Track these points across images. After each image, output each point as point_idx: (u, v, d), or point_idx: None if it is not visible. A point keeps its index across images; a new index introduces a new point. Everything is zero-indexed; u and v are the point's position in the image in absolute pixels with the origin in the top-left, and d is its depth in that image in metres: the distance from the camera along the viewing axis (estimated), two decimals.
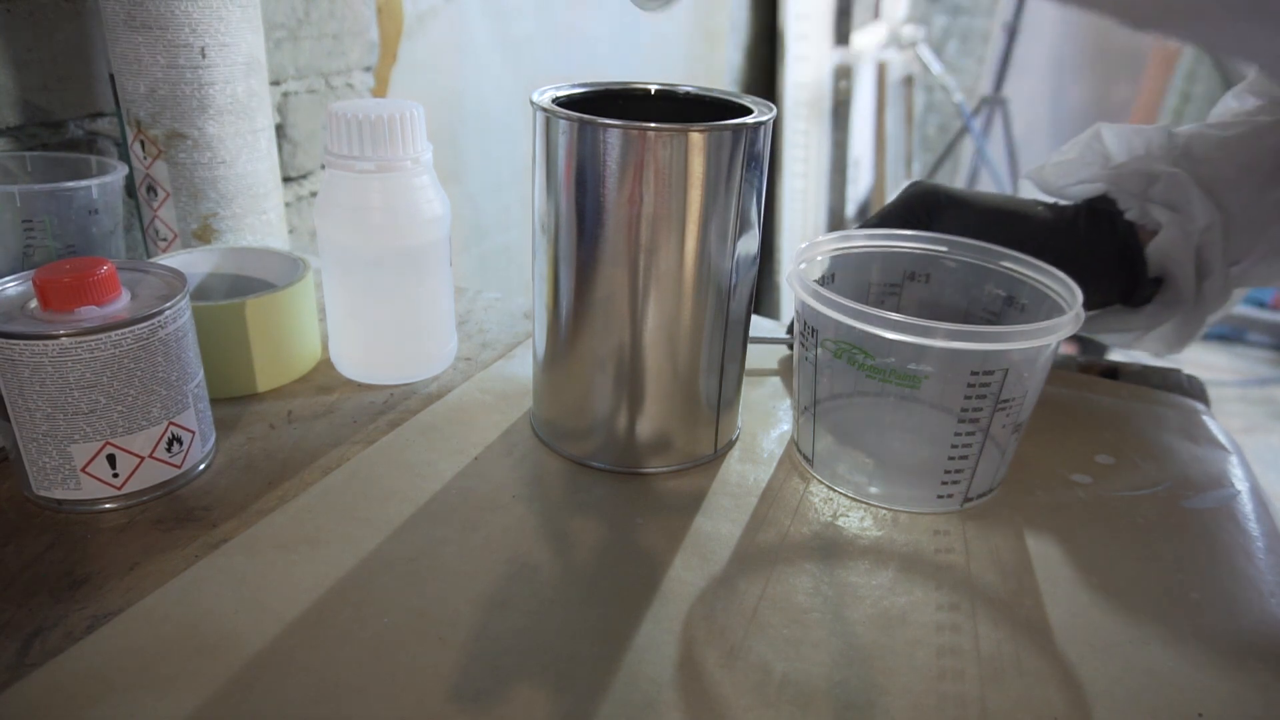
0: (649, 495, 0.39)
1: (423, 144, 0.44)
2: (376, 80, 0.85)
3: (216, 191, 0.54)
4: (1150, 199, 0.47)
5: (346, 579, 0.33)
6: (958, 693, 0.29)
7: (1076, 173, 0.50)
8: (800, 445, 0.42)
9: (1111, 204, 0.48)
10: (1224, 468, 0.43)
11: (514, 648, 0.30)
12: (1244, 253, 0.46)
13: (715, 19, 1.58)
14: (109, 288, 0.35)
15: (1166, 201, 0.47)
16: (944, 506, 0.39)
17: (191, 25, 0.49)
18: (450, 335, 0.49)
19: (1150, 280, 0.48)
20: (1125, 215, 0.48)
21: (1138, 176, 0.47)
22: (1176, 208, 0.47)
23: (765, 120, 0.36)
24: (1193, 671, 0.30)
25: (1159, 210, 0.47)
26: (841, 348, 0.37)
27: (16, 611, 0.31)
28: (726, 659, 0.30)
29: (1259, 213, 0.46)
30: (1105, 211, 0.48)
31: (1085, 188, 0.49)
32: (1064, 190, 0.50)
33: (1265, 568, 0.36)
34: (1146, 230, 0.48)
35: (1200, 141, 0.47)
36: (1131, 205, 0.48)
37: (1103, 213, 0.48)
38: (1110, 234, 0.47)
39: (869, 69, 2.28)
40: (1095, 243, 0.47)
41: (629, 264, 0.36)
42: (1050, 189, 0.51)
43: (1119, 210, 0.48)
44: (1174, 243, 0.46)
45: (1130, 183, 0.48)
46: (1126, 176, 0.48)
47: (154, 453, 0.36)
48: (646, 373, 0.38)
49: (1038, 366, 0.36)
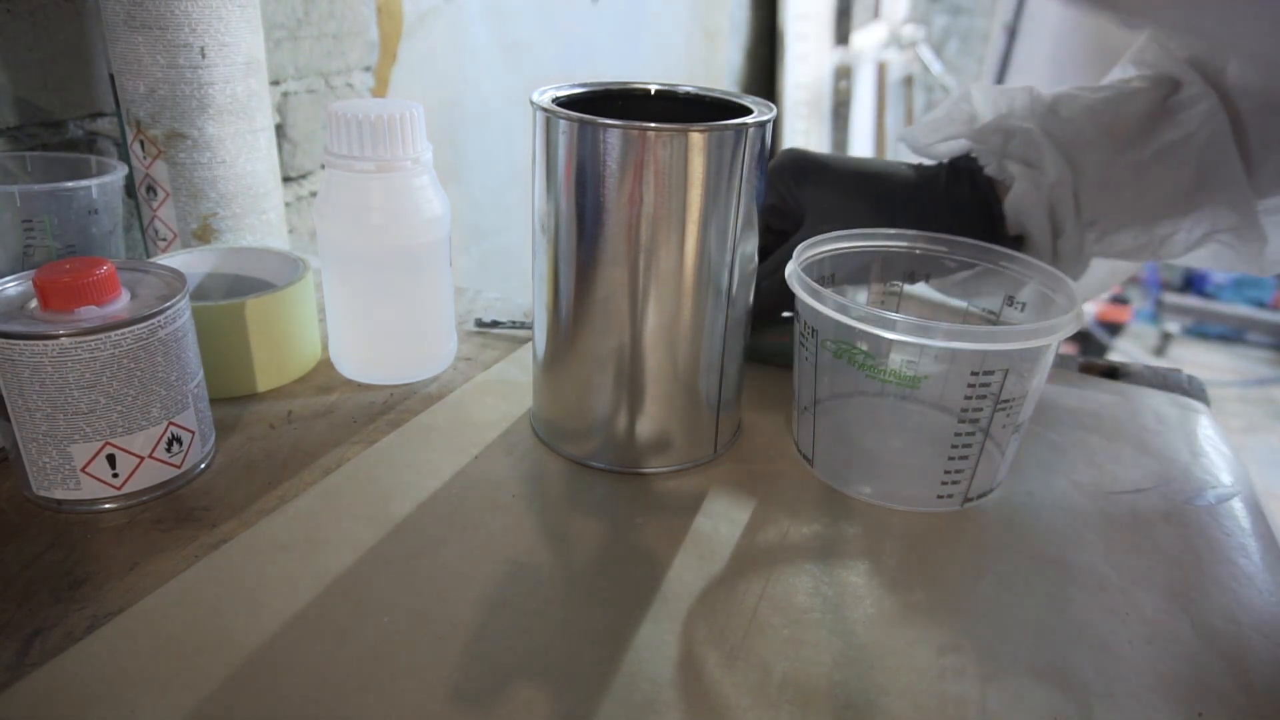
0: (649, 495, 0.39)
1: (423, 144, 0.44)
2: (376, 80, 0.85)
3: (216, 191, 0.54)
4: (1008, 155, 0.48)
5: (346, 579, 0.33)
6: (958, 693, 0.29)
7: (942, 130, 0.51)
8: (800, 445, 0.42)
9: (973, 161, 0.49)
10: (1223, 468, 0.43)
11: (514, 648, 0.30)
12: (1099, 212, 0.47)
13: (715, 19, 1.58)
14: (109, 288, 0.35)
15: (1022, 157, 0.48)
16: (944, 507, 0.39)
17: (191, 25, 0.49)
18: (450, 335, 0.49)
19: (1011, 239, 0.48)
20: (984, 171, 0.48)
21: (998, 133, 0.48)
22: (1030, 163, 0.47)
23: (765, 120, 0.36)
24: (1193, 671, 0.30)
25: (1014, 166, 0.48)
26: (841, 348, 0.37)
27: (16, 611, 0.31)
28: (726, 659, 0.30)
29: (1113, 174, 0.46)
30: (965, 169, 0.49)
31: (950, 145, 0.51)
32: (930, 149, 0.51)
33: (1264, 567, 0.36)
34: (1004, 186, 0.48)
35: (1066, 102, 0.48)
36: (990, 162, 0.48)
37: (963, 170, 0.49)
38: (970, 190, 0.48)
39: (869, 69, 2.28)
40: (955, 198, 0.48)
41: (629, 264, 0.36)
42: (918, 148, 0.52)
43: (979, 166, 0.49)
44: (1026, 197, 0.47)
45: (990, 140, 0.48)
46: (987, 134, 0.49)
47: (154, 453, 0.36)
48: (646, 373, 0.38)
49: (1038, 367, 0.36)
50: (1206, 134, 0.45)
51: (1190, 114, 0.46)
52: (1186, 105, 0.46)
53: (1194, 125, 0.45)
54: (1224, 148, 0.45)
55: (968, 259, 0.43)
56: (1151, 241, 0.48)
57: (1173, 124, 0.46)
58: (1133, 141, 0.46)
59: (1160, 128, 0.46)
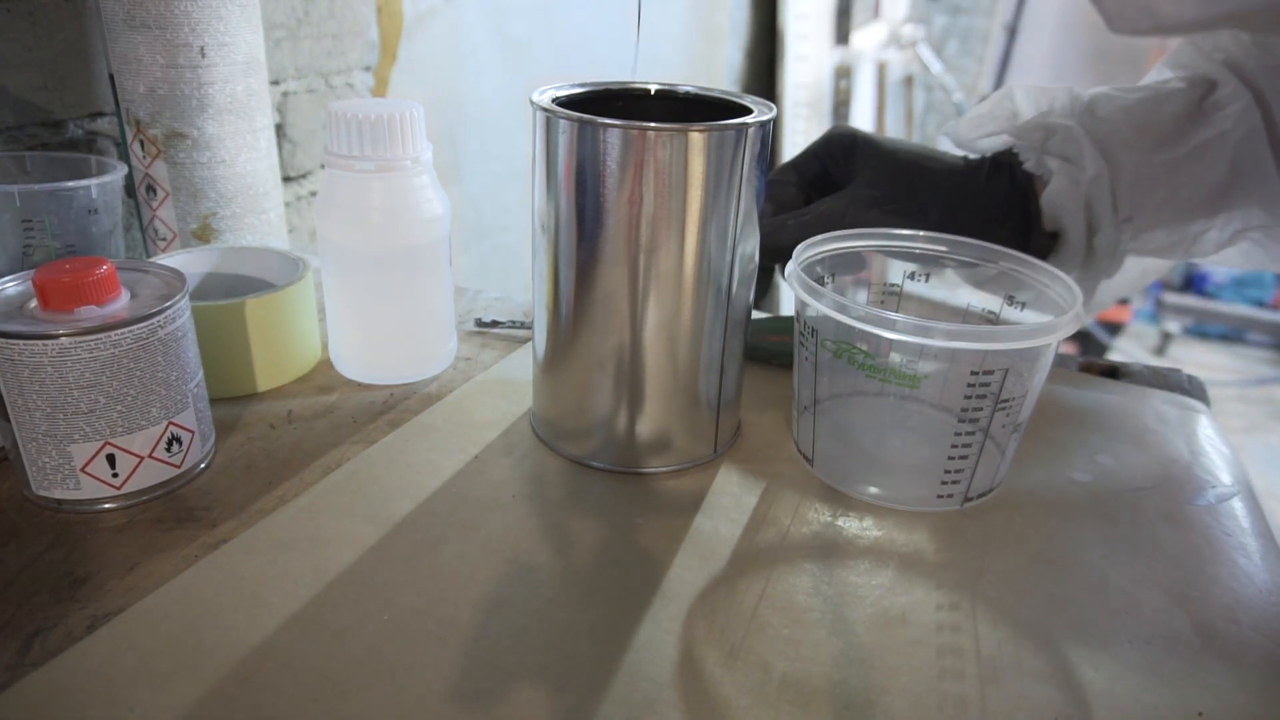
0: (649, 495, 0.39)
1: (423, 144, 0.44)
2: (376, 80, 0.85)
3: (216, 191, 0.54)
4: (1047, 151, 0.49)
5: (346, 578, 0.33)
6: (958, 693, 0.29)
7: (985, 126, 0.52)
8: (800, 445, 0.42)
9: (1013, 156, 0.50)
10: (1223, 468, 0.43)
11: (514, 648, 0.30)
12: (1134, 210, 0.48)
13: (715, 19, 1.58)
14: (109, 287, 0.35)
15: (1061, 153, 0.48)
16: (944, 506, 0.39)
17: (191, 25, 0.49)
18: (450, 335, 0.49)
19: (1046, 234, 0.49)
20: (1023, 166, 0.49)
21: (1038, 130, 0.49)
22: (1068, 159, 0.48)
23: (765, 120, 0.36)
24: (1193, 671, 0.30)
25: (1053, 161, 0.48)
26: (841, 348, 0.37)
27: (16, 611, 0.31)
28: (726, 659, 0.30)
29: (1148, 171, 0.47)
30: (1006, 163, 0.49)
31: (992, 141, 0.51)
32: (974, 144, 0.52)
33: (1264, 567, 0.36)
34: (1042, 181, 0.49)
35: (1104, 102, 0.49)
36: (1030, 158, 0.49)
37: (1004, 164, 0.49)
38: (1008, 183, 0.49)
39: (869, 69, 2.27)
40: (993, 191, 0.49)
41: (629, 264, 0.36)
42: (962, 143, 0.53)
43: (1019, 161, 0.49)
44: (1063, 191, 0.48)
45: (1030, 136, 0.49)
46: (1028, 130, 0.49)
47: (154, 452, 0.36)
48: (646, 372, 0.38)
49: (1038, 366, 0.36)
50: (1240, 133, 0.46)
51: (1225, 113, 0.46)
52: (1222, 105, 0.47)
53: (1229, 124, 0.46)
54: (1257, 147, 0.46)
55: (968, 258, 0.43)
56: (1184, 239, 0.49)
57: (1208, 123, 0.47)
58: (1168, 140, 0.47)
59: (1195, 127, 0.47)
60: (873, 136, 0.50)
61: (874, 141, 0.50)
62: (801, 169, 0.51)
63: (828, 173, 0.51)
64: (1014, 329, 0.34)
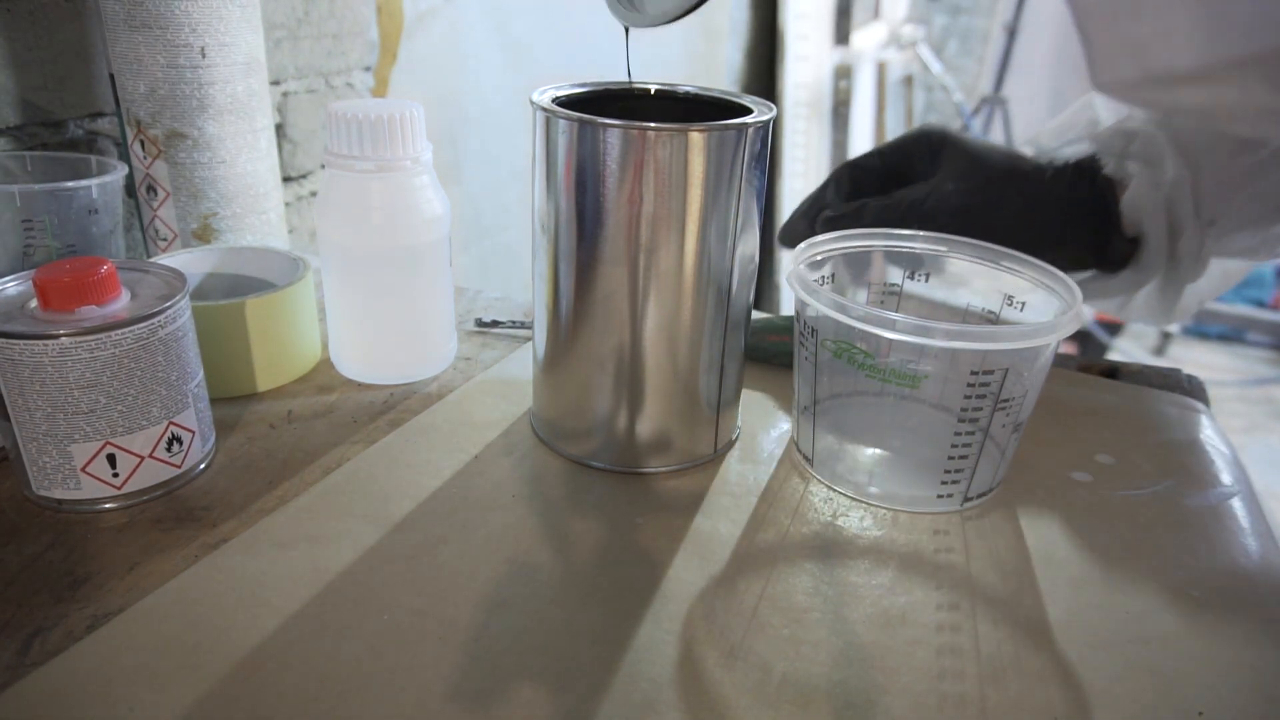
0: (649, 495, 0.39)
1: (423, 144, 0.44)
2: (376, 80, 0.85)
3: (216, 191, 0.54)
4: (1128, 156, 0.49)
5: (346, 578, 0.33)
6: (958, 693, 0.29)
7: (1066, 134, 0.52)
8: (800, 445, 0.42)
9: (1095, 161, 0.50)
10: (1223, 467, 0.43)
11: (514, 648, 0.30)
12: (1217, 213, 0.48)
13: (715, 19, 1.58)
14: (109, 288, 0.35)
15: (1142, 157, 0.49)
16: (944, 506, 0.39)
17: (191, 25, 0.49)
18: (450, 335, 0.49)
19: (1127, 240, 0.49)
20: (1104, 171, 0.49)
21: (1119, 136, 0.50)
22: (1150, 162, 0.48)
23: (765, 120, 0.36)
24: (1193, 671, 0.30)
25: (1134, 165, 0.49)
26: (841, 348, 0.37)
27: (16, 611, 0.31)
28: (726, 659, 0.30)
29: (1229, 175, 0.47)
30: (1087, 168, 0.50)
31: (1073, 148, 0.52)
32: (1055, 153, 0.52)
33: (1264, 567, 0.36)
34: (1123, 186, 0.49)
35: None
36: (1110, 162, 0.49)
37: (1085, 169, 0.50)
38: (1089, 187, 0.49)
39: (869, 69, 2.27)
40: (1075, 196, 0.49)
41: (629, 264, 0.36)
42: (1044, 152, 0.53)
43: (1099, 166, 0.50)
44: (1144, 194, 0.48)
45: (1112, 143, 0.50)
46: (1109, 136, 0.50)
47: (154, 452, 0.36)
48: (646, 372, 0.38)
49: (1038, 366, 0.36)
50: None
51: None
52: None
53: None
54: None
55: (969, 259, 0.43)
56: (1268, 241, 0.49)
57: None
58: (1245, 145, 0.47)
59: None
60: (963, 136, 0.51)
61: (963, 140, 0.50)
62: (886, 157, 0.52)
63: (909, 167, 0.51)
64: (1014, 329, 0.34)
